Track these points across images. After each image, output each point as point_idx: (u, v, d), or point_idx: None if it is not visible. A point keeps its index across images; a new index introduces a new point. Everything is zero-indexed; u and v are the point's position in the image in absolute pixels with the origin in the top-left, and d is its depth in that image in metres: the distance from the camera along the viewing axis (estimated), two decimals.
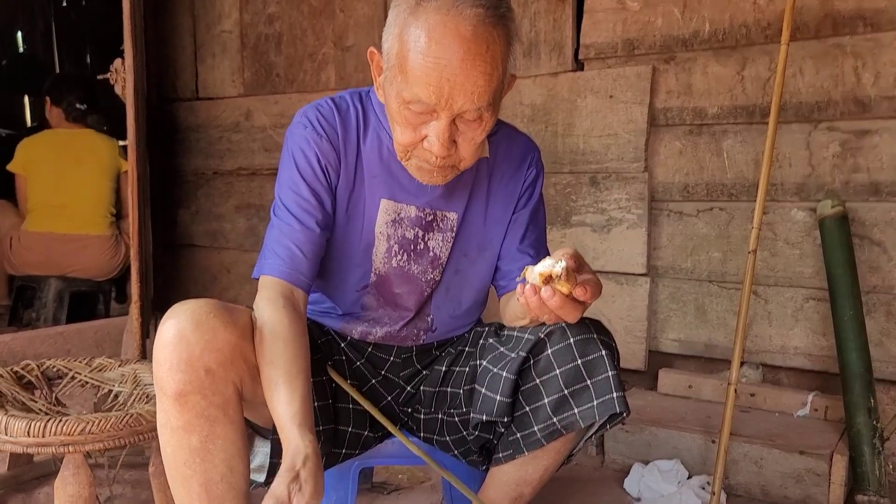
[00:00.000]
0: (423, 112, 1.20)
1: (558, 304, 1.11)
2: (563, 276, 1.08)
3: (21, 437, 1.48)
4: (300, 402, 1.13)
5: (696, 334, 2.46)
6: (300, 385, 1.16)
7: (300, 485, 1.01)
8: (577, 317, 1.14)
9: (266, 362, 1.17)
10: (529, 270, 1.12)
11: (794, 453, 1.97)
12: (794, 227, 2.27)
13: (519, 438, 1.40)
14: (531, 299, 1.12)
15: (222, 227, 3.35)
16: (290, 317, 1.24)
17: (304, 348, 1.23)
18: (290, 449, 1.07)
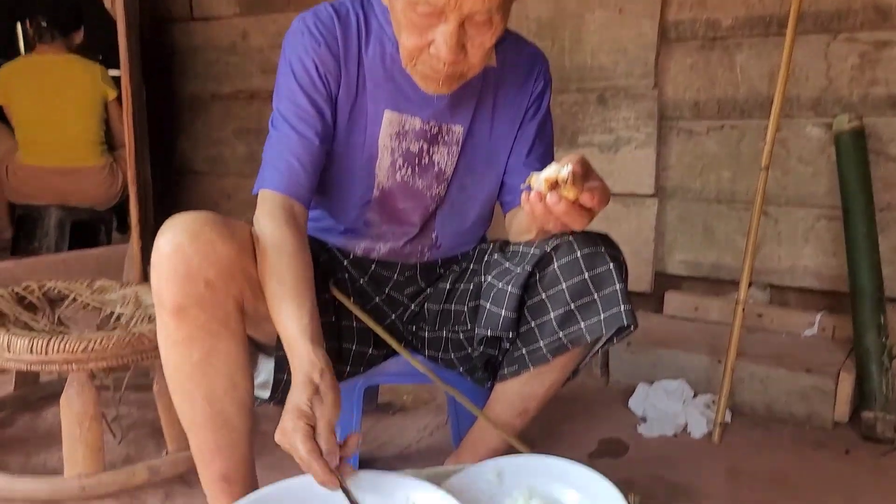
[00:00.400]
0: (431, 14, 1.13)
1: (564, 211, 1.06)
2: (569, 180, 1.03)
3: (24, 355, 1.47)
4: (309, 317, 1.11)
5: (704, 255, 2.42)
6: (308, 300, 1.13)
7: (321, 397, 0.99)
8: (584, 224, 1.10)
9: (271, 278, 1.14)
10: (535, 177, 1.08)
11: (801, 372, 1.97)
12: (808, 143, 2.21)
13: (524, 354, 1.39)
14: (536, 206, 1.08)
15: (221, 152, 3.29)
16: (292, 231, 1.20)
17: (308, 263, 1.20)
18: (305, 363, 1.05)
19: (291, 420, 0.97)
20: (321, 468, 0.94)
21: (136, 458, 1.70)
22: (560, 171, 1.04)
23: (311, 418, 0.97)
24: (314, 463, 0.94)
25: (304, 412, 0.97)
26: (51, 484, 1.51)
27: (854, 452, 1.84)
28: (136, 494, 1.56)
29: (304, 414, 0.97)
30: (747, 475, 1.72)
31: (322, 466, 0.94)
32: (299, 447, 0.94)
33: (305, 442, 0.95)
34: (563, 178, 1.04)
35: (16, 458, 1.70)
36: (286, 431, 0.97)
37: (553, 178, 1.04)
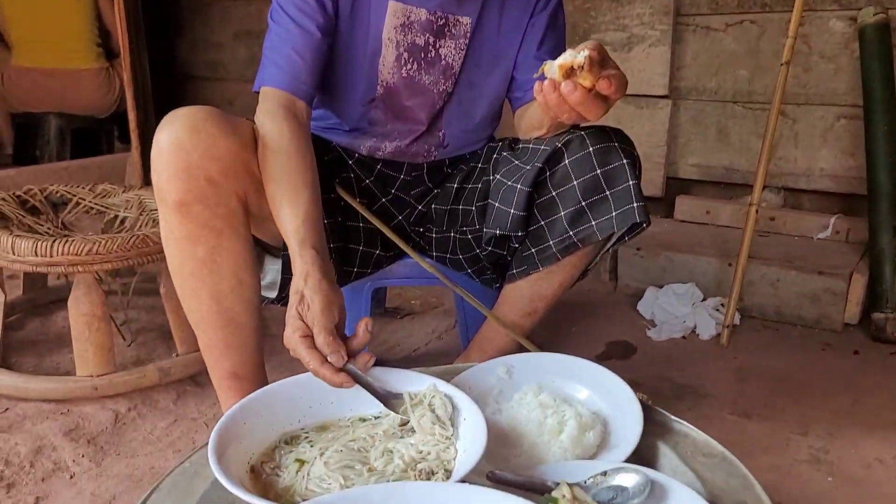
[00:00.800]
0: None
1: (579, 100, 1.01)
2: (585, 66, 0.98)
3: (29, 257, 1.46)
4: (302, 217, 1.07)
5: (717, 158, 2.37)
6: (304, 199, 1.09)
7: (307, 304, 0.96)
8: (600, 115, 1.05)
9: (269, 178, 1.11)
10: (548, 65, 1.02)
11: (812, 274, 1.95)
12: (831, 38, 2.11)
13: (533, 254, 1.36)
14: (550, 96, 1.03)
15: (221, 56, 3.20)
16: (292, 128, 1.16)
17: (308, 161, 1.15)
18: (296, 268, 1.02)
19: (289, 329, 0.95)
20: (328, 373, 0.91)
21: (146, 360, 1.71)
22: (576, 56, 0.99)
23: (305, 328, 0.94)
24: (319, 370, 0.92)
25: (295, 324, 0.95)
26: (64, 383, 1.53)
27: (863, 353, 1.84)
28: (148, 394, 1.57)
29: (297, 326, 0.95)
30: (754, 376, 1.73)
31: (329, 371, 0.91)
32: (305, 358, 0.93)
33: (307, 352, 0.92)
34: (578, 64, 0.98)
35: (28, 360, 1.71)
36: (287, 341, 0.95)
37: (568, 64, 0.99)
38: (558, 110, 1.05)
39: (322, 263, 1.02)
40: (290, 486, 0.86)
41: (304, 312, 0.96)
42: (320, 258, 1.02)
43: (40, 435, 1.40)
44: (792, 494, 1.29)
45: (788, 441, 1.46)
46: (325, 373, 0.92)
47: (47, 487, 1.27)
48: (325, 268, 1.01)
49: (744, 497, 0.86)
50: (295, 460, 0.90)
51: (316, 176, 1.16)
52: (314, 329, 0.94)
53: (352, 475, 0.86)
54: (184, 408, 1.54)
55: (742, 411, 1.57)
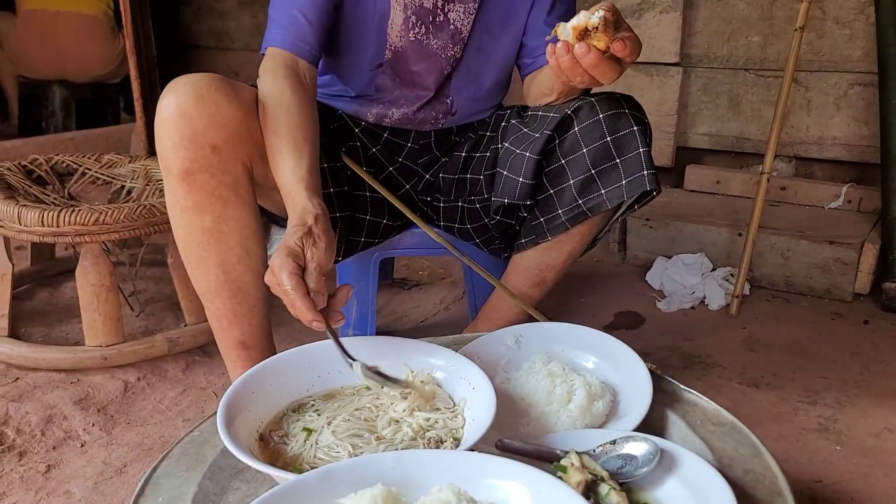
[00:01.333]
0: None
1: (593, 62, 0.99)
2: (600, 27, 0.96)
3: (35, 227, 1.46)
4: (307, 168, 1.05)
5: (728, 127, 2.34)
6: (307, 152, 1.08)
7: (314, 239, 0.94)
8: (614, 78, 1.03)
9: (270, 132, 1.09)
10: (561, 27, 1.00)
11: (823, 243, 1.93)
12: (847, 3, 2.07)
13: (542, 223, 1.35)
14: (562, 59, 1.01)
15: (227, 25, 3.17)
16: (293, 85, 1.14)
17: (309, 116, 1.13)
18: (298, 209, 1.00)
19: (280, 257, 0.91)
20: (306, 305, 0.88)
21: (155, 330, 1.72)
22: (590, 17, 0.96)
23: (301, 258, 0.92)
24: (298, 299, 0.88)
25: (293, 250, 0.92)
26: (74, 353, 1.53)
27: (873, 323, 1.83)
28: (157, 364, 1.58)
29: (293, 252, 0.92)
30: (763, 345, 1.72)
31: (307, 304, 0.88)
32: (284, 281, 0.89)
33: (291, 278, 0.89)
34: (593, 25, 0.96)
35: (38, 330, 1.72)
36: (274, 269, 0.92)
37: (582, 25, 0.97)
38: (571, 73, 1.03)
39: (327, 214, 1.00)
40: (298, 454, 0.86)
41: (305, 246, 0.93)
42: (325, 208, 1.01)
43: (51, 404, 1.41)
44: (800, 463, 1.29)
45: (797, 410, 1.46)
46: (304, 306, 0.88)
47: (58, 455, 1.28)
48: (328, 218, 1.00)
49: (753, 465, 0.86)
50: (302, 429, 0.90)
51: (317, 131, 1.15)
52: (311, 265, 0.92)
53: (360, 443, 0.86)
54: (192, 377, 1.55)
55: (751, 380, 1.57)
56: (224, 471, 0.88)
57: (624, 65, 1.03)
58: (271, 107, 1.10)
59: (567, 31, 0.99)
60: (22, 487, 1.20)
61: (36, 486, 1.20)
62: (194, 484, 0.85)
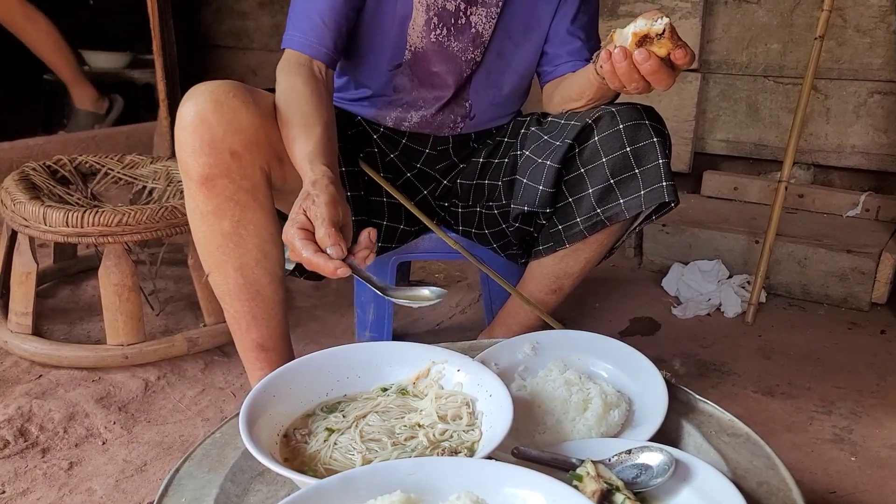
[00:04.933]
0: None
1: (653, 69, 1.00)
2: (666, 33, 0.95)
3: (60, 227, 1.48)
4: (314, 143, 1.07)
5: (746, 134, 2.33)
6: (315, 132, 1.09)
7: (312, 200, 0.96)
8: (670, 85, 1.04)
9: (283, 124, 1.12)
10: (618, 32, 1.00)
11: (841, 252, 1.92)
12: (868, 11, 2.06)
13: (560, 230, 1.36)
14: (619, 64, 1.01)
15: (246, 25, 3.19)
16: (304, 78, 1.17)
17: (322, 105, 1.15)
18: (304, 182, 1.02)
19: (288, 229, 0.95)
20: (321, 260, 0.90)
21: (174, 329, 1.74)
22: (653, 24, 0.96)
23: (305, 222, 0.94)
24: (313, 258, 0.90)
25: (297, 219, 0.94)
26: (95, 352, 1.56)
27: (890, 332, 1.82)
28: (176, 364, 1.60)
29: (295, 220, 0.94)
30: (779, 353, 1.72)
31: (324, 258, 0.90)
32: (299, 247, 0.92)
33: (301, 242, 0.92)
34: (657, 32, 0.95)
35: (60, 328, 1.75)
36: (286, 239, 0.95)
37: (644, 31, 0.96)
38: (627, 79, 1.04)
39: (332, 176, 1.01)
40: (316, 454, 0.87)
41: (308, 207, 0.95)
42: (331, 172, 1.02)
43: (73, 402, 1.44)
44: (814, 473, 1.29)
45: (812, 420, 1.46)
46: (319, 261, 0.90)
47: (81, 453, 1.30)
48: (335, 179, 1.01)
49: (767, 477, 0.86)
50: (325, 429, 0.91)
51: (331, 120, 1.16)
52: (316, 222, 0.94)
53: (376, 447, 0.87)
54: (211, 377, 1.57)
55: (766, 389, 1.57)
56: (245, 473, 0.90)
57: (678, 72, 1.03)
58: (283, 101, 1.13)
59: (626, 36, 0.99)
60: (45, 484, 1.22)
61: (59, 483, 1.22)
62: (216, 486, 0.87)
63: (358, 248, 0.94)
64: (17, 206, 1.54)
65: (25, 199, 1.54)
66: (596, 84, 1.20)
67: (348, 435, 0.89)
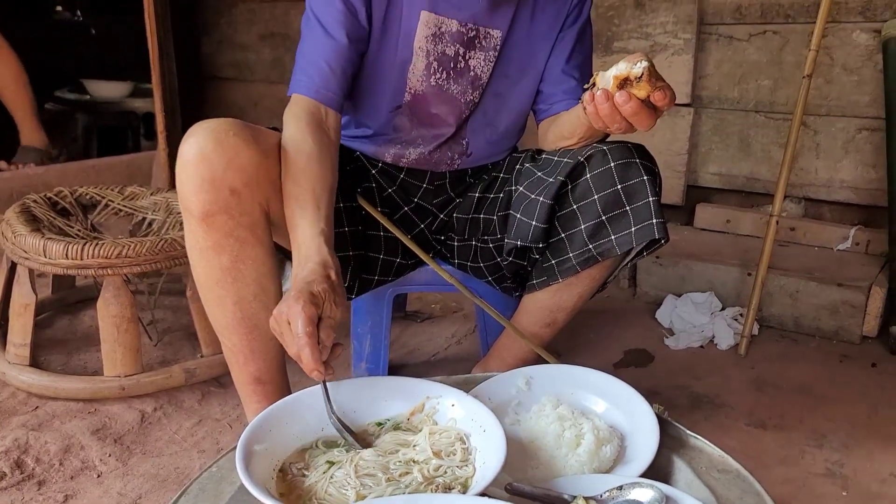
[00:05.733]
0: None
1: (633, 111, 1.03)
2: (644, 77, 0.98)
3: (60, 260, 1.50)
4: (325, 220, 1.10)
5: (738, 167, 2.37)
6: (324, 204, 1.12)
7: (335, 295, 0.97)
8: (651, 125, 1.06)
9: (289, 178, 1.14)
10: (600, 75, 1.03)
11: (832, 285, 1.95)
12: (855, 51, 2.11)
13: (553, 265, 1.38)
14: (602, 106, 1.04)
15: (247, 57, 3.24)
16: (314, 133, 1.19)
17: (327, 165, 1.17)
18: (317, 261, 1.02)
19: (303, 300, 0.93)
20: (313, 354, 0.91)
21: (172, 360, 1.75)
22: (632, 67, 0.99)
23: (321, 308, 0.94)
24: (308, 346, 0.91)
25: (316, 297, 0.94)
26: (92, 383, 1.57)
27: (881, 366, 1.84)
28: (173, 395, 1.61)
29: (315, 299, 0.94)
30: (771, 386, 1.74)
31: (315, 353, 0.91)
32: (300, 326, 0.91)
33: (307, 324, 0.91)
34: (636, 75, 0.99)
35: (57, 358, 1.76)
36: (291, 309, 0.93)
37: (624, 74, 1.00)
38: (609, 120, 1.07)
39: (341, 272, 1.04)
40: (311, 487, 0.89)
41: (324, 296, 0.96)
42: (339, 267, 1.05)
43: (69, 434, 1.44)
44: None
45: (804, 453, 1.47)
46: (313, 354, 0.92)
47: (76, 485, 1.31)
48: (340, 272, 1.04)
49: None
50: (326, 461, 0.93)
51: (335, 180, 1.19)
52: (327, 318, 0.95)
53: (370, 483, 0.88)
54: (208, 408, 1.58)
55: (758, 422, 1.58)
56: None
57: (660, 113, 1.06)
58: (292, 153, 1.15)
59: (607, 79, 1.02)
60: None
61: None
62: None
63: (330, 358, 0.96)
64: (17, 239, 1.56)
65: (26, 232, 1.56)
66: (586, 123, 1.24)
67: (344, 469, 0.90)
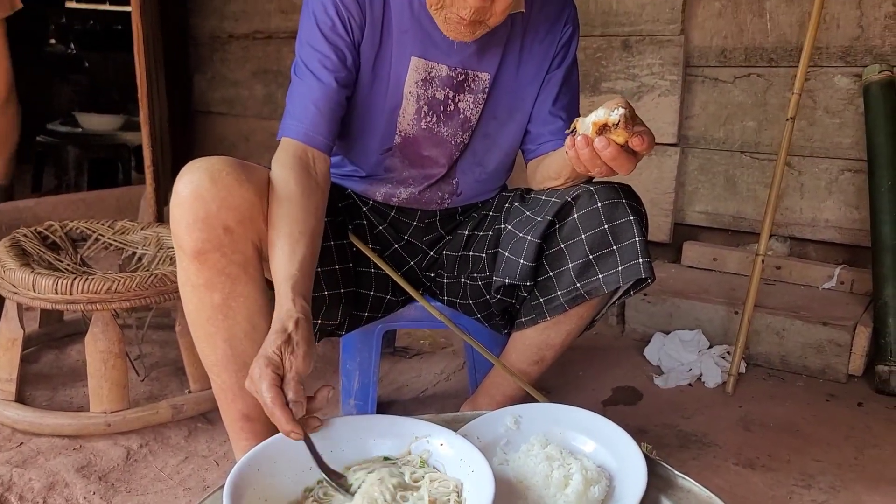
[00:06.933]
0: None
1: (612, 156, 1.05)
2: (620, 123, 1.01)
3: (49, 294, 1.50)
4: (299, 265, 1.10)
5: (725, 206, 2.40)
6: (301, 248, 1.12)
7: (292, 347, 0.98)
8: (631, 169, 1.09)
9: (270, 224, 1.15)
10: (580, 122, 1.06)
11: (818, 324, 1.97)
12: (836, 94, 2.16)
13: (542, 303, 1.39)
14: (582, 151, 1.06)
15: (239, 93, 3.27)
16: (298, 176, 1.19)
17: (311, 208, 1.18)
18: (282, 312, 1.04)
19: (259, 367, 0.96)
20: (283, 416, 0.92)
21: (159, 395, 1.74)
22: (610, 114, 1.02)
23: (280, 367, 0.96)
24: (277, 410, 0.92)
25: (272, 360, 0.96)
26: (77, 419, 1.55)
27: (867, 405, 1.85)
28: (159, 431, 1.60)
29: (271, 362, 0.96)
30: (759, 425, 1.74)
31: (285, 415, 0.92)
32: (264, 394, 0.93)
33: (270, 389, 0.93)
34: (613, 122, 1.02)
35: (43, 394, 1.74)
36: (253, 378, 0.96)
37: (602, 121, 1.03)
38: (590, 164, 1.09)
39: (309, 317, 1.05)
40: None
41: (284, 354, 0.97)
42: (308, 311, 1.05)
43: (53, 471, 1.43)
44: None
45: (792, 494, 1.47)
46: (283, 417, 0.92)
47: None
48: (310, 321, 1.05)
49: None
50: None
51: (319, 224, 1.19)
52: (289, 374, 0.96)
53: None
54: (195, 445, 1.57)
55: (746, 461, 1.58)
56: None
57: (639, 157, 1.08)
58: (274, 197, 1.16)
59: (587, 125, 1.05)
60: None
61: None
62: None
63: (315, 406, 0.98)
64: (6, 273, 1.56)
65: (15, 266, 1.56)
66: (570, 165, 1.26)
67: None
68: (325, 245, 1.27)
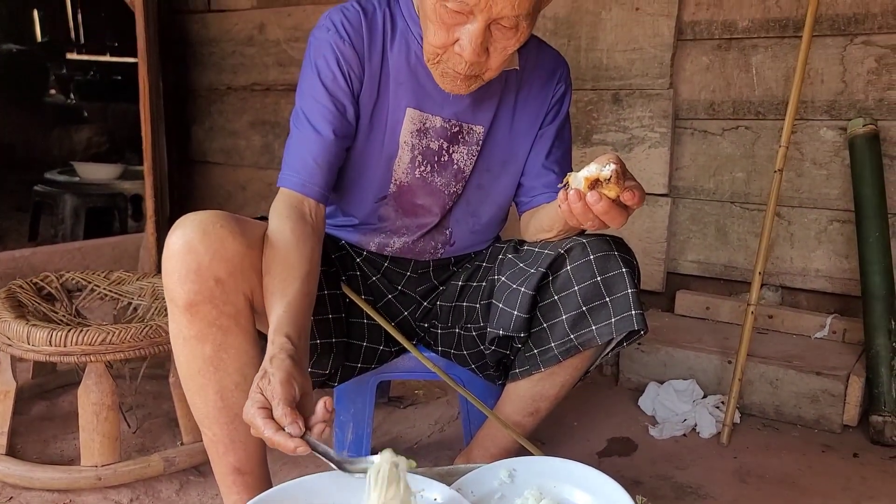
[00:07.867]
0: (460, 12, 1.15)
1: (604, 210, 1.07)
2: (612, 179, 1.04)
3: (43, 346, 1.50)
4: (284, 307, 1.11)
5: (716, 256, 2.43)
6: (291, 291, 1.13)
7: (268, 379, 1.00)
8: (622, 223, 1.11)
9: (265, 270, 1.17)
10: (573, 176, 1.08)
11: (811, 374, 1.97)
12: (823, 146, 2.20)
13: (536, 354, 1.40)
14: (575, 205, 1.09)
15: (237, 143, 3.31)
16: (294, 226, 1.22)
17: (304, 255, 1.19)
18: (270, 351, 1.06)
19: (248, 409, 0.99)
20: (283, 439, 0.95)
21: (151, 447, 1.73)
22: (601, 169, 1.05)
23: (265, 401, 0.98)
24: (273, 437, 0.95)
25: (255, 398, 0.99)
26: (68, 473, 1.54)
27: (862, 456, 1.84)
28: (151, 484, 1.58)
29: (256, 399, 0.98)
30: (755, 476, 1.73)
31: (283, 437, 0.95)
32: (260, 427, 0.96)
33: (262, 421, 0.96)
34: (605, 177, 1.04)
35: (33, 446, 1.73)
36: (248, 419, 0.99)
37: (594, 176, 1.05)
38: (582, 218, 1.11)
39: (291, 349, 1.05)
40: None
41: (264, 387, 0.99)
42: (291, 345, 1.06)
43: None
44: None
45: None
46: (279, 439, 0.95)
47: None
48: (294, 353, 1.05)
49: None
50: None
51: (314, 269, 1.21)
52: (273, 402, 0.97)
53: None
54: (186, 498, 1.55)
55: None
56: None
57: (630, 211, 1.11)
58: (269, 246, 1.18)
59: (579, 180, 1.07)
60: None
61: None
62: None
63: (315, 420, 0.99)
64: (1, 325, 1.56)
65: (10, 318, 1.56)
66: (563, 218, 1.28)
67: None
68: (319, 294, 1.28)
